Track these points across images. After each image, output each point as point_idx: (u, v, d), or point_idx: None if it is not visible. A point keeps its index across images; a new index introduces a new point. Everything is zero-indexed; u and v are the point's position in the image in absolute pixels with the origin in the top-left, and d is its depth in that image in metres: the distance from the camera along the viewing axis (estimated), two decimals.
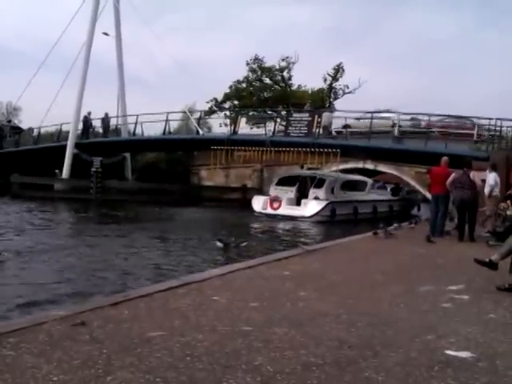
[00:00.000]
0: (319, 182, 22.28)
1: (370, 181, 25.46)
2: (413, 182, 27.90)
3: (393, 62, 76.72)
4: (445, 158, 11.56)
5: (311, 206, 20.90)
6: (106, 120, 31.21)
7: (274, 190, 22.99)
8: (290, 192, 22.30)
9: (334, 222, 19.89)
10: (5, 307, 6.15)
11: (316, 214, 20.49)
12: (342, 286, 5.48)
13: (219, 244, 11.36)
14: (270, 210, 21.55)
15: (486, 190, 11.36)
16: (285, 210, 21.19)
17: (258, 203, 22.25)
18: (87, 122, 31.27)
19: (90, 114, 31.43)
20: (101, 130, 32.15)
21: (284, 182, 23.17)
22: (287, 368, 2.98)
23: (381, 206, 24.03)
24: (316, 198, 21.45)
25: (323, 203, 20.95)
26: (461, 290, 5.51)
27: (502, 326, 4.13)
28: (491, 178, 11.45)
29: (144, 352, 3.13)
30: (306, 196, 22.00)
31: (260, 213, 21.63)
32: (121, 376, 2.75)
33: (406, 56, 77.60)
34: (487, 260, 5.94)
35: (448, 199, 11.26)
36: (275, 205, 21.73)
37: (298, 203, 21.64)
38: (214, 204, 28.50)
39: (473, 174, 10.92)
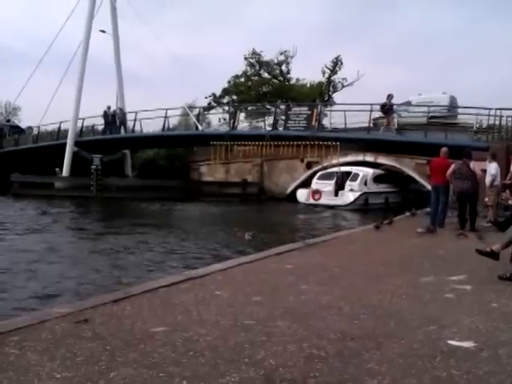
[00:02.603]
0: (354, 176, 25.75)
1: (398, 175, 28.08)
2: (413, 174, 27.86)
3: (392, 54, 76.19)
4: (444, 149, 11.53)
5: (347, 196, 24.59)
6: (121, 115, 30.56)
7: (315, 184, 26.43)
8: (329, 185, 25.86)
9: (367, 210, 22.73)
10: (9, 304, 6.17)
11: (351, 203, 24.19)
12: (343, 279, 5.48)
13: (248, 236, 11.91)
14: (312, 201, 25.31)
15: (488, 180, 11.32)
16: (325, 200, 24.98)
17: (302, 195, 26.21)
18: (107, 116, 30.62)
19: (109, 108, 30.85)
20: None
21: (323, 177, 26.69)
22: (290, 361, 2.98)
23: (408, 195, 26.19)
24: (351, 190, 24.91)
25: (357, 194, 24.54)
26: (463, 280, 5.52)
27: (504, 316, 4.13)
28: (492, 167, 11.40)
29: (147, 348, 3.14)
30: (342, 188, 25.46)
31: (303, 203, 25.41)
32: (124, 372, 2.75)
33: (406, 48, 77.27)
34: (489, 250, 5.94)
35: (448, 190, 11.24)
36: (316, 196, 25.50)
37: (336, 194, 25.39)
38: (214, 199, 28.51)
39: (473, 165, 10.89)
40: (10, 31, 74.94)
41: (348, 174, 26.33)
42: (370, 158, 29.34)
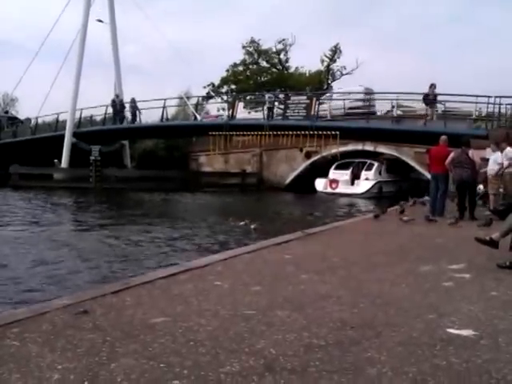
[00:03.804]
0: (369, 166, 27.61)
1: (410, 165, 29.26)
2: (412, 163, 27.86)
3: (391, 42, 75.98)
4: (443, 137, 11.50)
5: (363, 185, 26.59)
6: (133, 105, 29.70)
7: (332, 174, 28.06)
8: (346, 175, 27.63)
9: (381, 197, 24.39)
10: (8, 296, 6.18)
11: (367, 191, 26.05)
12: (343, 268, 5.49)
13: (242, 223, 12.28)
14: (329, 190, 27.06)
15: (495, 168, 11.15)
16: (341, 188, 26.82)
17: (320, 184, 27.80)
18: (115, 105, 29.94)
19: (118, 96, 30.25)
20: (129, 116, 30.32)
21: (340, 166, 28.19)
22: (290, 350, 2.99)
23: (421, 182, 26.63)
24: (367, 179, 26.90)
25: (372, 182, 26.60)
26: (462, 268, 5.53)
27: (503, 304, 4.14)
28: (499, 156, 11.26)
29: (147, 338, 3.15)
30: (358, 177, 27.39)
31: (321, 192, 26.91)
32: (125, 363, 2.76)
33: (404, 36, 76.95)
34: (488, 238, 5.95)
35: (447, 178, 11.22)
36: (334, 185, 27.20)
37: (352, 183, 27.30)
38: (213, 190, 28.51)
39: (471, 153, 10.86)
40: (7, 22, 74.49)
41: (363, 163, 28.12)
42: (369, 147, 29.38)
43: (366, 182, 26.82)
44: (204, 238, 11.60)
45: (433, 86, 20.85)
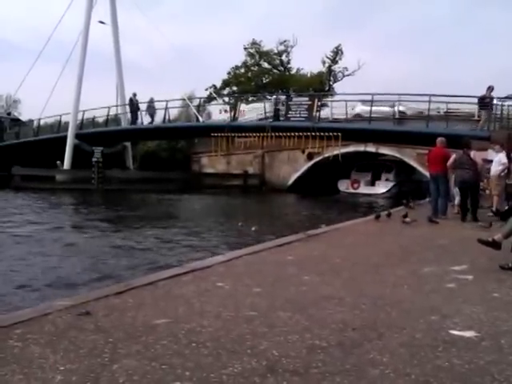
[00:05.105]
0: (389, 168, 29.09)
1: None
2: (415, 164, 27.86)
3: (392, 43, 76.11)
4: (440, 138, 11.52)
5: (383, 186, 28.22)
6: (151, 105, 29.31)
7: (354, 175, 29.57)
8: (367, 176, 29.26)
9: (400, 197, 25.49)
10: (10, 297, 6.20)
11: (387, 191, 27.57)
12: (345, 270, 5.49)
13: (240, 225, 12.63)
14: (351, 190, 28.49)
15: (499, 169, 11.14)
16: (363, 189, 28.33)
17: (342, 185, 29.47)
18: (133, 104, 29.61)
19: (135, 95, 29.76)
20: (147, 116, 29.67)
21: (361, 168, 29.73)
22: (292, 352, 2.99)
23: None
24: (387, 180, 28.54)
25: (392, 183, 28.15)
26: (464, 270, 5.52)
27: (506, 305, 4.14)
28: (503, 157, 11.24)
29: (149, 340, 3.15)
30: (378, 178, 29.04)
31: (344, 192, 28.39)
32: (127, 364, 2.76)
33: (406, 37, 76.91)
34: (490, 240, 5.93)
35: (447, 178, 11.19)
36: (355, 185, 28.77)
37: (373, 184, 28.89)
38: (215, 191, 28.51)
39: (473, 154, 10.84)
40: (10, 24, 74.76)
41: (384, 165, 29.70)
42: (371, 148, 29.43)
43: (386, 182, 28.53)
44: (206, 239, 11.60)
45: (490, 89, 18.80)
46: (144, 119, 29.83)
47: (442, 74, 58.50)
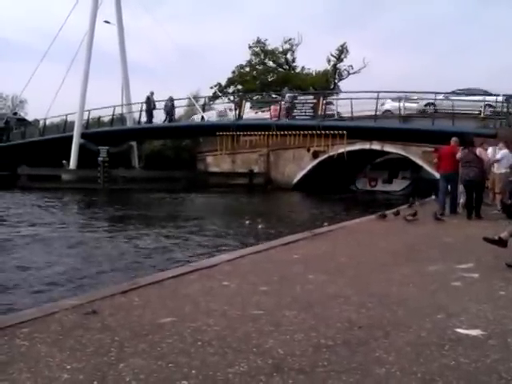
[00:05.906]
0: (405, 166, 28.85)
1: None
2: (420, 162, 27.76)
3: (398, 41, 75.80)
4: (455, 138, 11.49)
5: (400, 183, 28.54)
6: (169, 104, 28.56)
7: (370, 173, 30.45)
8: (384, 173, 29.67)
9: (416, 195, 25.13)
10: (17, 296, 6.23)
11: (404, 189, 27.69)
12: (350, 268, 5.48)
13: (259, 226, 12.70)
14: (368, 187, 29.13)
15: (505, 166, 11.15)
16: (380, 186, 28.98)
17: (359, 182, 30.24)
18: (150, 103, 29.12)
19: (152, 94, 29.18)
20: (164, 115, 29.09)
21: (378, 166, 30.42)
22: (298, 350, 2.99)
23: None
24: (404, 178, 28.86)
25: (409, 181, 28.38)
26: (470, 268, 5.50)
27: None
28: (505, 153, 11.23)
29: (155, 338, 3.16)
30: (396, 176, 29.34)
31: (361, 189, 29.03)
32: (133, 363, 2.77)
33: (411, 35, 76.58)
34: (496, 238, 5.91)
35: (457, 177, 11.17)
36: (372, 183, 29.54)
37: (390, 181, 29.25)
38: (221, 190, 28.53)
39: (479, 151, 10.81)
40: (15, 25, 75.06)
41: (400, 163, 29.55)
42: (376, 146, 29.31)
43: (403, 180, 28.87)
44: (212, 238, 11.62)
45: None
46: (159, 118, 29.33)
47: (447, 73, 58.20)
